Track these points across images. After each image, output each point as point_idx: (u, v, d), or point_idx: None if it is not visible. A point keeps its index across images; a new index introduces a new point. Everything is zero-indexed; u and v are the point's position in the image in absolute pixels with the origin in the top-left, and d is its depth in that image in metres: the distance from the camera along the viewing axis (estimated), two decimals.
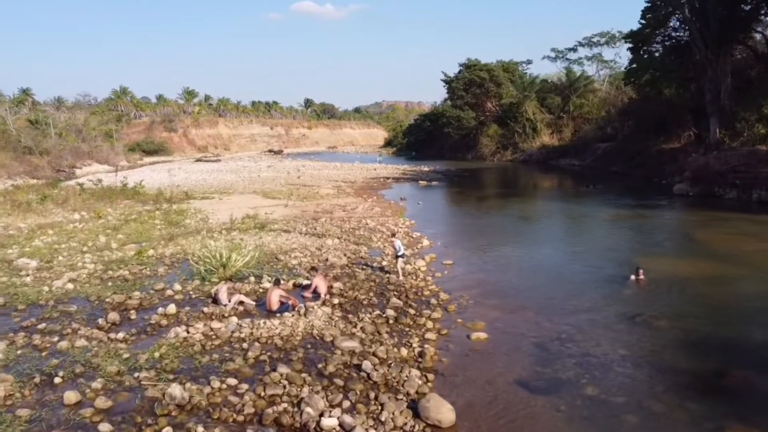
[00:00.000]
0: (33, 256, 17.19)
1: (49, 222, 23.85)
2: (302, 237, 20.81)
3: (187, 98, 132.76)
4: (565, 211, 30.66)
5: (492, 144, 73.45)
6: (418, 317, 12.52)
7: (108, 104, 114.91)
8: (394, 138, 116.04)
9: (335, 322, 11.82)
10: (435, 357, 10.52)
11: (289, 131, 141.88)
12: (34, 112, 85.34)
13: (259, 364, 9.62)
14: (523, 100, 69.73)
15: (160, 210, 27.28)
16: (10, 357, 9.67)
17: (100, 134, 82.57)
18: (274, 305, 12.30)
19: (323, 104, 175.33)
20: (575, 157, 58.04)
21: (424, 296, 14.22)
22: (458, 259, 18.38)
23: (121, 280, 14.73)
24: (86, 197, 31.76)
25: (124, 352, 9.92)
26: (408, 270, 16.47)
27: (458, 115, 75.70)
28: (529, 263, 18.18)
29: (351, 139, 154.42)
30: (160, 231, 21.85)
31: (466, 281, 15.82)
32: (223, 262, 14.91)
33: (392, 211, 28.70)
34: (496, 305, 13.64)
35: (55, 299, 12.96)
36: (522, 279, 16.19)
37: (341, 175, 50.13)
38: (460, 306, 13.54)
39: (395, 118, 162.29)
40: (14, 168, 53.67)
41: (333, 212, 27.57)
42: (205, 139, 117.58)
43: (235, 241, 19.25)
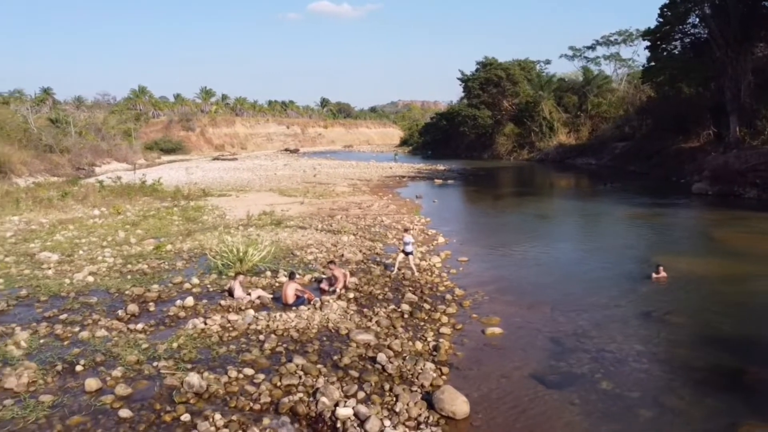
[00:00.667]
0: (54, 250, 17.50)
1: (70, 217, 24.24)
2: (318, 233, 20.94)
3: (204, 98, 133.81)
4: (582, 209, 30.49)
5: (508, 143, 73.15)
6: (433, 312, 12.55)
7: (127, 103, 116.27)
8: (410, 137, 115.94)
9: (350, 315, 11.90)
10: (450, 351, 10.55)
11: (305, 130, 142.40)
12: (54, 111, 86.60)
13: (275, 355, 9.74)
14: (539, 99, 69.37)
15: (177, 206, 27.59)
16: (33, 345, 9.89)
17: (118, 133, 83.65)
18: (290, 299, 12.41)
19: (339, 104, 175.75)
20: (592, 156, 57.60)
21: (439, 292, 14.25)
22: (473, 256, 18.38)
23: (140, 274, 14.96)
24: (105, 194, 32.21)
25: (143, 342, 10.09)
26: (423, 266, 16.51)
27: (474, 114, 75.49)
28: (545, 260, 18.12)
29: (367, 138, 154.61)
30: (178, 227, 22.11)
31: (482, 278, 15.82)
32: (240, 256, 15.08)
33: (408, 208, 28.75)
34: (512, 301, 13.63)
35: (76, 291, 13.20)
36: (538, 276, 16.14)
37: (357, 174, 50.28)
38: (475, 302, 13.55)
39: (411, 117, 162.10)
40: (35, 166, 54.47)
41: (348, 210, 27.69)
42: (222, 138, 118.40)
43: (252, 237, 19.47)
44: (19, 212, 25.60)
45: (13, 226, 22.14)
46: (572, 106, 70.46)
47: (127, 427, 7.36)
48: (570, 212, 29.84)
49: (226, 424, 7.45)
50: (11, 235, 20.00)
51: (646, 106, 54.34)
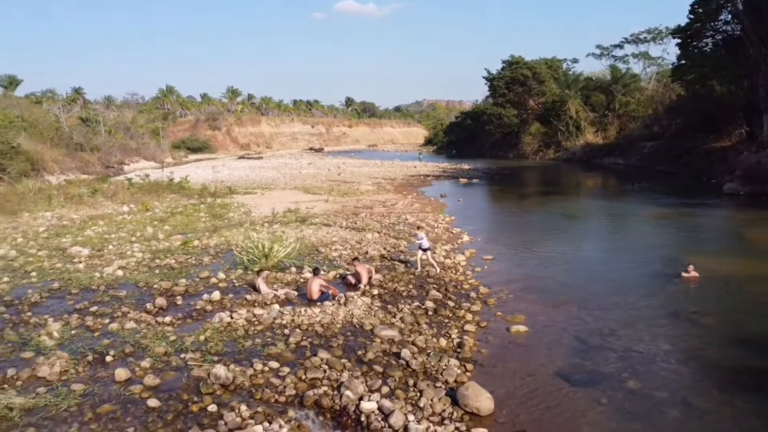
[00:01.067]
0: (85, 245, 17.88)
1: (100, 214, 24.73)
2: (342, 231, 21.02)
3: (230, 97, 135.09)
4: (609, 208, 30.07)
5: (534, 142, 72.43)
6: (457, 309, 12.52)
7: (155, 103, 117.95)
8: (435, 136, 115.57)
9: (375, 312, 11.93)
10: (474, 348, 10.52)
11: (329, 129, 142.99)
12: (85, 111, 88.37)
13: (300, 349, 9.81)
14: (566, 98, 68.53)
15: (204, 204, 27.95)
16: (65, 336, 10.12)
17: (147, 132, 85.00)
18: (315, 294, 12.49)
19: (364, 103, 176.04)
20: (620, 155, 56.73)
21: (464, 290, 14.19)
22: (498, 254, 18.27)
23: (167, 269, 15.20)
24: (134, 191, 32.78)
25: (170, 334, 10.25)
26: (447, 264, 16.48)
27: (500, 113, 74.90)
28: (572, 259, 17.94)
29: (391, 137, 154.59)
30: (205, 223, 22.40)
31: (507, 276, 15.72)
32: (266, 252, 15.22)
33: (432, 207, 28.69)
34: (537, 300, 13.52)
35: (106, 285, 13.46)
36: (564, 274, 15.97)
37: (381, 173, 50.33)
38: (499, 300, 13.47)
39: (436, 116, 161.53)
40: (67, 164, 55.61)
41: (373, 208, 27.74)
42: (248, 137, 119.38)
43: (277, 234, 19.63)
44: (52, 208, 26.21)
45: (46, 221, 22.67)
46: (599, 105, 69.45)
47: (156, 416, 7.49)
48: (597, 211, 29.47)
49: (251, 415, 7.55)
50: (44, 230, 20.48)
51: (676, 105, 53.32)
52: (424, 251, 15.75)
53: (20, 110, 60.76)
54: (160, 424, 7.33)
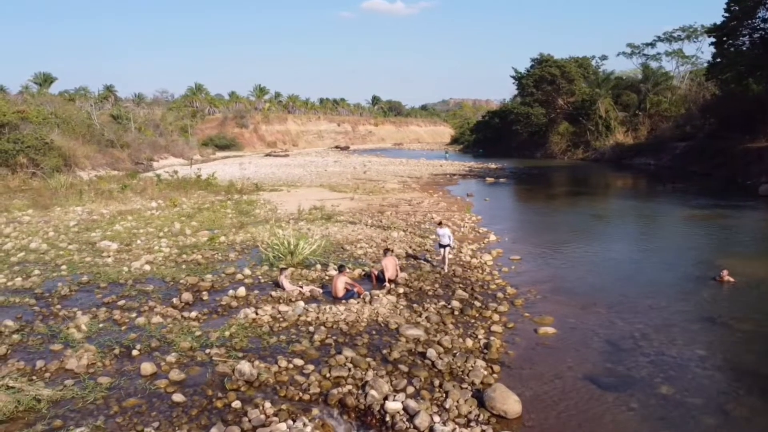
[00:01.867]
0: (114, 239, 18.12)
1: (129, 209, 25.06)
2: (368, 229, 20.94)
3: (258, 95, 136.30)
4: (640, 209, 29.44)
5: (562, 142, 71.38)
6: (484, 310, 12.33)
7: (184, 101, 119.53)
8: (461, 135, 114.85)
9: (400, 310, 11.81)
10: (501, 349, 10.33)
11: (355, 128, 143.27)
12: (116, 108, 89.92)
13: (325, 347, 9.75)
14: (596, 97, 67.39)
15: (231, 200, 28.14)
16: (92, 329, 10.23)
17: (176, 129, 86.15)
18: (340, 292, 12.42)
19: (390, 101, 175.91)
20: (651, 156, 55.58)
21: (491, 290, 13.98)
22: (526, 254, 17.98)
23: (194, 264, 15.29)
24: (162, 187, 33.20)
25: (196, 329, 10.28)
26: (473, 264, 16.28)
27: (528, 112, 73.93)
28: (601, 260, 17.57)
29: (417, 136, 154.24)
30: (231, 219, 22.53)
31: (534, 277, 15.45)
32: (291, 249, 15.22)
33: (458, 206, 28.44)
34: (565, 301, 13.25)
35: (134, 279, 13.61)
36: (593, 276, 15.64)
37: (407, 171, 50.15)
38: (527, 301, 13.23)
39: (462, 115, 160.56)
40: (98, 160, 56.53)
41: (398, 206, 27.61)
42: (275, 135, 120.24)
43: (302, 231, 19.64)
44: (82, 203, 26.66)
45: (77, 216, 23.05)
46: (630, 105, 68.21)
47: (180, 411, 7.49)
48: (627, 212, 28.85)
49: (275, 412, 7.49)
50: (74, 225, 20.82)
51: (710, 105, 52.01)
52: (442, 247, 15.56)
53: (54, 107, 62.13)
54: (184, 419, 7.33)
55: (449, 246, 15.78)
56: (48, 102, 66.63)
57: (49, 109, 60.40)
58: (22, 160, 41.03)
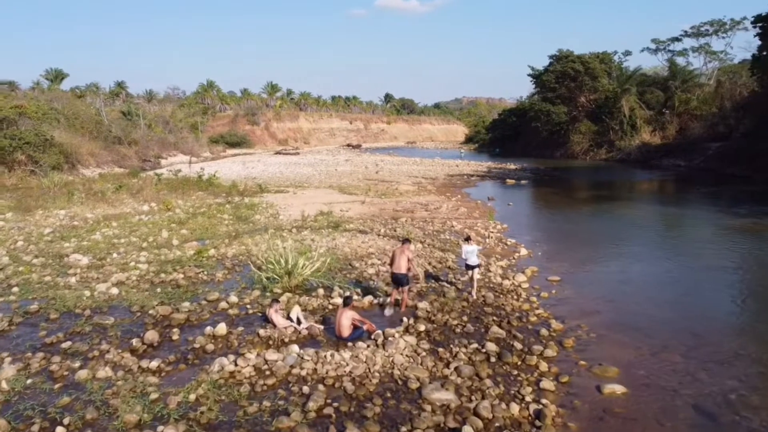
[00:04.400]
0: (88, 252, 15.72)
1: (118, 213, 22.69)
2: (380, 239, 18.36)
3: (269, 92, 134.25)
4: (683, 216, 26.56)
5: (584, 141, 68.14)
6: (527, 354, 9.69)
7: (195, 97, 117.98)
8: (476, 134, 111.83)
9: (422, 357, 9.21)
10: (558, 419, 7.70)
11: (368, 126, 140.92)
12: (126, 105, 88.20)
13: (322, 421, 7.19)
14: (620, 94, 64.17)
15: (230, 203, 25.68)
16: (16, 388, 7.74)
17: (186, 126, 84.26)
18: (345, 331, 9.84)
19: (403, 99, 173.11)
20: (681, 157, 52.42)
21: (531, 323, 11.34)
22: (566, 274, 15.27)
23: (172, 286, 12.78)
24: (161, 187, 30.90)
25: (152, 390, 7.75)
26: (506, 287, 13.64)
27: (548, 110, 70.68)
28: (658, 282, 14.79)
29: (430, 134, 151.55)
30: (227, 227, 20.06)
31: (581, 305, 12.76)
32: (288, 269, 12.67)
33: (480, 212, 25.74)
34: (628, 342, 10.56)
35: (95, 307, 11.13)
36: (653, 305, 12.88)
37: (421, 171, 47.49)
38: (579, 340, 10.57)
39: (476, 113, 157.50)
40: (103, 157, 54.66)
41: (414, 211, 24.99)
42: (286, 133, 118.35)
43: (306, 242, 17.13)
44: (69, 205, 24.36)
45: (57, 221, 20.72)
46: (656, 103, 64.96)
47: None
48: (669, 219, 25.92)
49: None
50: (50, 232, 18.46)
51: (748, 102, 48.75)
52: (470, 269, 12.95)
53: (61, 103, 60.27)
54: None
55: (479, 266, 13.17)
56: (57, 98, 64.79)
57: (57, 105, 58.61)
58: (20, 157, 39.02)
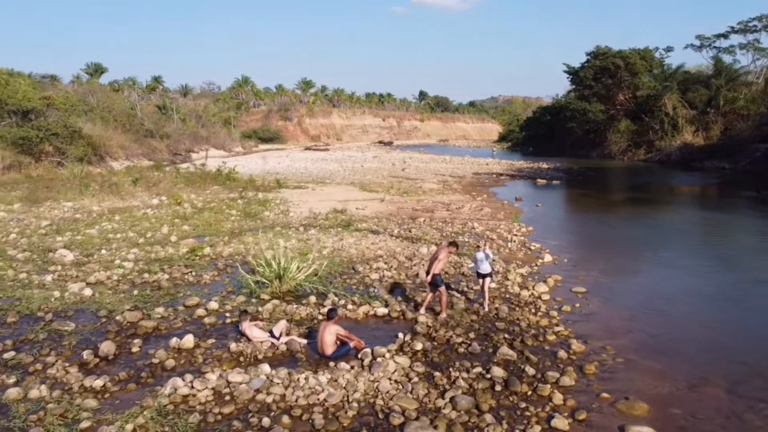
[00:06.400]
0: (78, 246, 14.84)
1: (125, 206, 21.92)
2: (392, 241, 17.01)
3: (303, 88, 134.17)
4: (732, 223, 24.38)
5: (622, 141, 65.23)
6: (539, 383, 8.24)
7: (230, 93, 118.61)
8: (510, 133, 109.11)
9: (413, 384, 7.85)
10: None
11: (400, 123, 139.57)
12: (162, 99, 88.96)
13: None
14: (662, 92, 61.20)
15: (243, 198, 24.66)
16: None
17: (219, 121, 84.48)
18: (329, 348, 8.55)
19: (437, 97, 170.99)
20: (725, 158, 49.49)
21: (548, 343, 9.85)
22: (593, 285, 13.65)
23: (152, 288, 11.70)
24: (179, 181, 30.23)
25: (86, 416, 6.59)
26: (524, 298, 12.16)
27: (584, 108, 67.85)
28: (701, 298, 13.00)
29: (464, 132, 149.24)
30: (233, 223, 19.00)
31: (609, 322, 11.18)
32: (279, 272, 11.45)
33: (505, 213, 24.14)
34: (662, 371, 8.97)
35: (60, 310, 10.11)
36: (694, 324, 11.20)
37: (449, 169, 45.90)
38: (603, 366, 9.04)
39: (511, 111, 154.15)
40: (133, 150, 54.76)
41: (434, 211, 23.55)
42: (318, 129, 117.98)
43: (310, 242, 15.92)
44: (80, 197, 23.75)
45: (60, 213, 20.04)
46: (700, 102, 61.78)
47: None
48: (714, 226, 23.72)
49: None
50: (47, 224, 17.71)
51: None
52: (482, 278, 11.54)
53: (96, 96, 60.74)
54: None
55: (491, 275, 11.73)
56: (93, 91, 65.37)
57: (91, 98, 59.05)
58: (48, 148, 38.95)
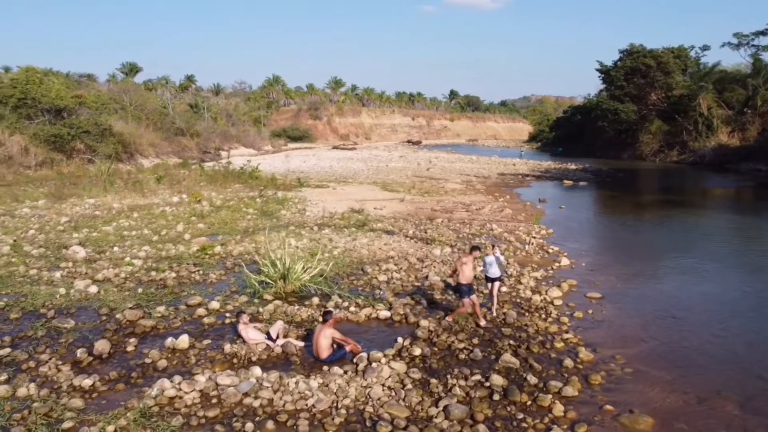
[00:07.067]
0: (91, 244, 14.97)
1: (145, 203, 22.15)
2: (406, 242, 16.77)
3: (333, 88, 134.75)
4: (765, 228, 23.44)
5: (654, 142, 63.64)
6: (540, 392, 7.93)
7: (261, 92, 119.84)
8: (540, 132, 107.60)
9: (406, 391, 7.62)
10: None
11: (430, 122, 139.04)
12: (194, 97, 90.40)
13: None
14: (697, 92, 59.49)
15: (262, 197, 24.70)
16: None
17: (249, 119, 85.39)
18: (324, 351, 8.38)
19: (468, 96, 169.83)
20: (762, 161, 47.74)
21: (555, 350, 9.51)
22: (609, 290, 13.20)
23: (158, 286, 11.71)
24: (201, 179, 30.50)
25: (70, 416, 6.54)
26: (535, 302, 11.81)
27: (616, 108, 66.36)
28: (724, 307, 12.39)
29: (494, 132, 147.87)
30: (248, 222, 19.01)
31: (622, 329, 10.76)
32: (283, 273, 11.34)
33: (526, 214, 23.66)
34: (672, 383, 8.55)
35: (63, 307, 10.16)
36: (712, 335, 10.68)
37: (474, 169, 45.39)
38: (610, 376, 8.67)
39: (542, 111, 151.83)
40: (163, 148, 55.64)
41: (454, 212, 23.22)
42: (348, 128, 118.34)
43: (322, 242, 15.80)
44: (102, 194, 24.11)
45: (81, 210, 20.34)
46: (736, 102, 59.85)
47: None
48: (746, 232, 22.68)
49: None
50: (66, 221, 17.96)
51: None
52: (490, 282, 11.22)
53: (129, 95, 61.96)
54: None
55: (500, 279, 11.42)
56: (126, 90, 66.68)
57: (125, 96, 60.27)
58: (79, 146, 39.79)
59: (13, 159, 33.61)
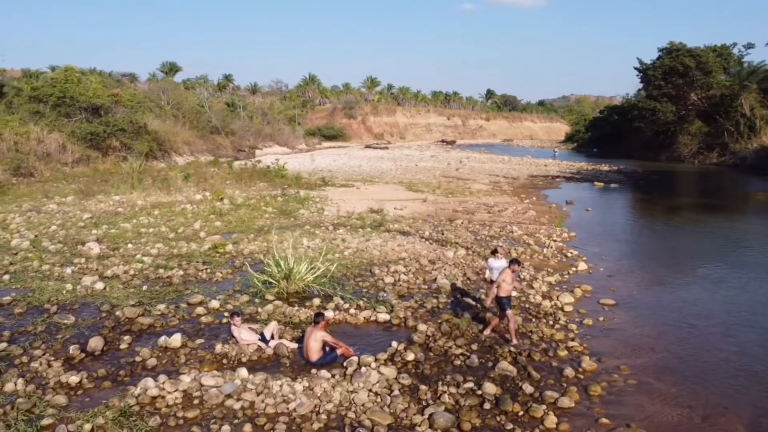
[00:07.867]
0: (108, 240, 15.23)
1: (169, 201, 22.46)
2: (420, 243, 16.56)
3: (369, 86, 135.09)
4: None
5: (693, 143, 61.65)
6: (534, 402, 7.65)
7: (297, 91, 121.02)
8: (576, 133, 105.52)
9: (393, 398, 7.45)
10: None
11: (465, 122, 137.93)
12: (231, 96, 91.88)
13: None
14: (739, 92, 57.39)
15: (284, 196, 24.80)
16: None
17: (284, 118, 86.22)
18: (314, 354, 8.28)
19: (504, 96, 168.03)
20: None
21: (557, 359, 9.18)
22: (625, 297, 12.74)
23: (163, 284, 11.81)
24: (228, 177, 30.86)
25: (51, 413, 6.59)
26: (545, 308, 11.47)
27: (654, 108, 64.50)
28: (738, 317, 11.78)
29: (530, 132, 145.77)
30: (266, 220, 19.09)
31: (632, 339, 10.33)
32: (286, 273, 11.29)
33: (550, 216, 23.14)
34: (676, 397, 8.15)
35: (68, 303, 10.32)
36: (725, 347, 10.15)
37: (504, 170, 44.76)
38: (611, 387, 8.32)
39: (580, 111, 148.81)
40: (198, 145, 56.56)
41: (475, 213, 22.88)
42: (382, 127, 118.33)
43: (335, 242, 15.74)
44: (129, 191, 24.57)
45: (105, 206, 20.75)
46: None
47: None
48: None
49: None
50: (89, 217, 18.35)
51: None
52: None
53: (168, 94, 63.30)
54: None
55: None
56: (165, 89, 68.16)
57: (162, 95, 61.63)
58: (114, 143, 40.78)
59: (51, 156, 34.56)
